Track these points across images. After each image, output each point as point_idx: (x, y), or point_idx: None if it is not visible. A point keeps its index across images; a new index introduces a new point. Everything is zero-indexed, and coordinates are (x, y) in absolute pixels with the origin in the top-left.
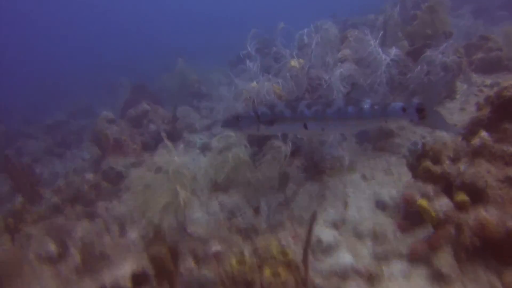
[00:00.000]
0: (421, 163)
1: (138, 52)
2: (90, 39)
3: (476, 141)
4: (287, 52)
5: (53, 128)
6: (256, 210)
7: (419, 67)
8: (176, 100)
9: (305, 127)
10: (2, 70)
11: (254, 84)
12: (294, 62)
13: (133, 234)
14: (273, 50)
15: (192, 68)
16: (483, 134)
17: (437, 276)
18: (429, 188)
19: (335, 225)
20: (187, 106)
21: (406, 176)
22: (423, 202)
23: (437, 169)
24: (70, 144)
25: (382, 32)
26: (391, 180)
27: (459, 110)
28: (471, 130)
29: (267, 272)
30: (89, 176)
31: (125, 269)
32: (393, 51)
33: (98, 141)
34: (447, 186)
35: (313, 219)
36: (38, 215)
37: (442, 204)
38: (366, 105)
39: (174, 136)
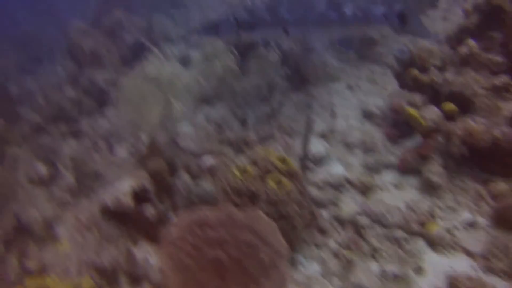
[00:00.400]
0: (408, 71)
1: None
2: None
3: (463, 49)
4: None
5: (22, 40)
6: (243, 122)
7: None
8: (150, 6)
9: (286, 32)
10: None
11: None
12: None
13: (121, 151)
14: None
15: None
16: (471, 42)
17: (427, 185)
18: (417, 97)
19: (324, 135)
20: (161, 14)
21: (390, 85)
22: (412, 111)
23: (424, 78)
24: (42, 59)
25: None
26: (376, 89)
27: (442, 19)
28: (458, 38)
29: (270, 182)
30: (70, 92)
31: (123, 186)
32: None
33: (73, 55)
34: (434, 95)
35: (308, 126)
36: (20, 136)
37: (431, 113)
38: (347, 9)
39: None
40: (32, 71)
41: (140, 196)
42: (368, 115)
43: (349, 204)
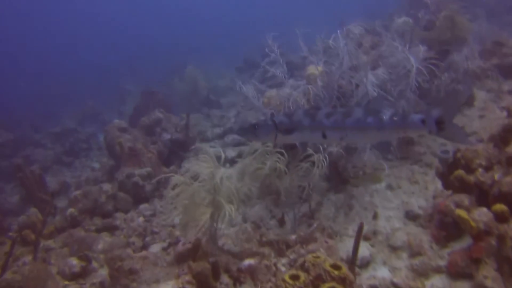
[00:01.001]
0: (452, 171)
1: (144, 56)
2: (94, 44)
3: (510, 149)
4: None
5: (61, 136)
6: (281, 221)
7: (446, 74)
8: (187, 107)
9: (324, 136)
10: (10, 77)
11: (272, 92)
12: (313, 69)
13: (155, 247)
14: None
15: (202, 74)
16: None
17: None
18: (464, 198)
19: (367, 238)
20: (197, 114)
21: (431, 184)
22: (461, 212)
23: (470, 178)
24: (78, 153)
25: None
26: (417, 189)
27: (479, 117)
28: (503, 138)
29: None
30: (107, 186)
31: (161, 286)
32: (421, 54)
33: (111, 150)
34: (482, 196)
35: (360, 230)
36: (55, 227)
37: (481, 214)
38: (385, 115)
39: (187, 145)
40: (69, 164)
41: None
42: (411, 216)
43: None
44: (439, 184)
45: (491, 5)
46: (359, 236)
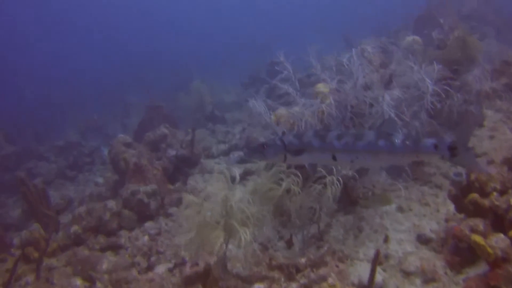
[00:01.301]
0: (466, 195)
1: (150, 69)
2: (100, 57)
3: None
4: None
5: (65, 149)
6: (289, 242)
7: (458, 94)
8: (192, 121)
9: (334, 158)
10: (14, 89)
11: (282, 110)
12: (322, 87)
13: (160, 268)
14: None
15: (208, 89)
16: None
17: None
18: (478, 222)
19: (379, 262)
20: (202, 129)
21: (443, 206)
22: (478, 238)
23: (485, 202)
24: (82, 166)
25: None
26: (429, 211)
27: (489, 138)
28: None
29: None
30: (111, 203)
31: None
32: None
33: (116, 165)
34: (497, 220)
35: (376, 257)
36: (58, 245)
37: (498, 241)
38: (397, 139)
39: (192, 161)
40: (72, 178)
41: None
42: (423, 240)
43: None
44: (450, 207)
45: (498, 24)
46: (375, 263)
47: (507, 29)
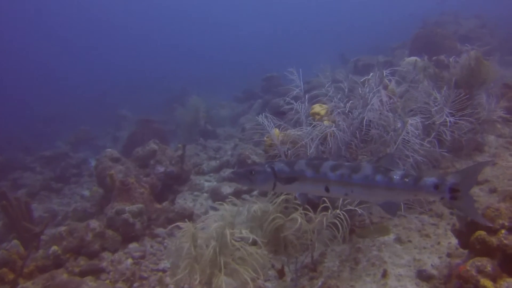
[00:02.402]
0: (472, 231)
1: (143, 83)
2: (93, 68)
3: None
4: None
5: (52, 160)
6: (280, 272)
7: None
8: (183, 136)
9: (327, 190)
10: (3, 97)
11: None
12: (318, 108)
13: None
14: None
15: (204, 105)
16: None
17: None
18: (486, 262)
19: None
20: (193, 144)
21: (444, 239)
22: (487, 283)
23: (493, 240)
24: (68, 178)
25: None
26: (429, 243)
27: (491, 164)
28: None
29: None
30: (94, 223)
31: None
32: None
33: (101, 181)
34: (504, 260)
35: None
36: (35, 266)
37: (510, 286)
38: (396, 176)
39: (182, 179)
40: (58, 190)
41: None
42: (425, 277)
43: None
44: (452, 239)
45: (494, 45)
46: None
47: (503, 50)
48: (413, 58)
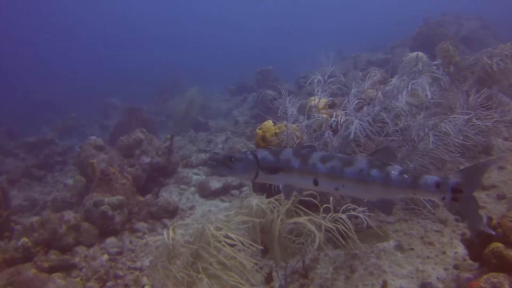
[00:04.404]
0: (485, 242)
1: (135, 73)
2: (85, 57)
3: None
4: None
5: (36, 146)
6: (268, 278)
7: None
8: (174, 127)
9: (315, 183)
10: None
11: (269, 123)
12: (314, 101)
13: None
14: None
15: (201, 97)
16: None
17: None
18: (502, 279)
19: None
20: (183, 135)
21: (449, 247)
22: None
23: (510, 254)
24: (52, 166)
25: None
26: (433, 253)
27: (498, 169)
28: None
29: None
30: (69, 215)
31: None
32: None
33: (83, 169)
34: None
35: None
36: (3, 258)
37: None
38: (394, 171)
39: (168, 171)
40: (40, 178)
41: None
42: None
43: None
44: (459, 249)
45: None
46: None
47: None
48: (415, 53)
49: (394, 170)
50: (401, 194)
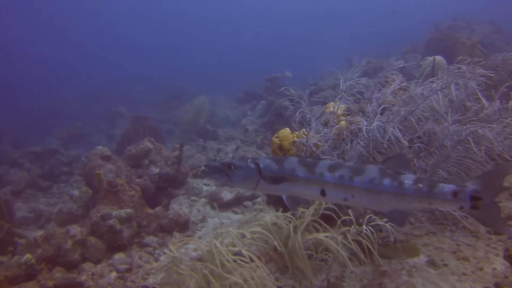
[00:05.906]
0: None
1: (141, 81)
2: (91, 65)
3: None
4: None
5: (41, 156)
6: None
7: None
8: (182, 135)
9: (323, 193)
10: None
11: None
12: (332, 107)
13: None
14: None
15: (209, 105)
16: None
17: None
18: None
19: None
20: (192, 144)
21: (486, 263)
22: None
23: None
24: (58, 176)
25: None
26: (469, 269)
27: None
28: None
29: None
30: (75, 230)
31: None
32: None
33: (90, 180)
34: None
35: None
36: (5, 276)
37: None
38: (407, 180)
39: (178, 182)
40: (46, 189)
41: None
42: None
43: None
44: (497, 264)
45: (510, 51)
46: None
47: None
48: (437, 58)
49: (408, 179)
50: (415, 204)
